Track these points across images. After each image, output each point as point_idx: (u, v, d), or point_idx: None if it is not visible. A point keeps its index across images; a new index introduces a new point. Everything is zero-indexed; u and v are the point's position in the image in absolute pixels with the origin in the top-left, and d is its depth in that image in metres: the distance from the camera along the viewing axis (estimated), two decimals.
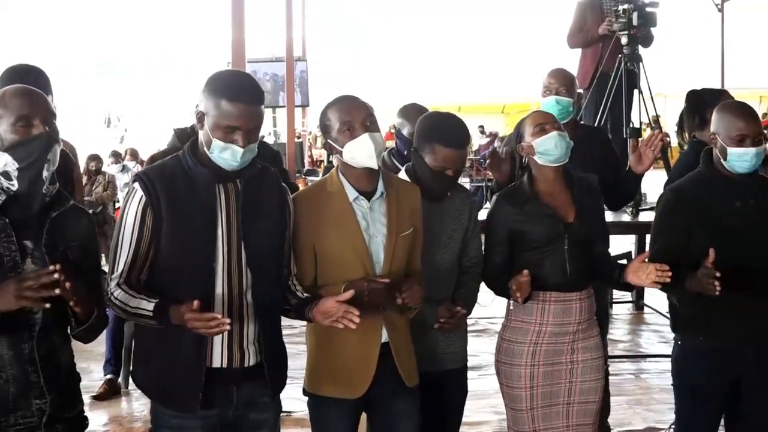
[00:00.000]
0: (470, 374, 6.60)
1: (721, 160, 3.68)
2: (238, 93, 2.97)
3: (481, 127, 27.55)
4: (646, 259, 3.60)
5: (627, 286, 3.79)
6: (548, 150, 3.73)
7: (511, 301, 3.80)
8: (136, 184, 3.02)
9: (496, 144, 12.31)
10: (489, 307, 4.85)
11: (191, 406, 3.03)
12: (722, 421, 3.95)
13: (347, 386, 3.39)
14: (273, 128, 17.14)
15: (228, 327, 2.81)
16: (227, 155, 2.98)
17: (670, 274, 3.49)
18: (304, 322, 3.40)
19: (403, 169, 3.86)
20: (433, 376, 3.72)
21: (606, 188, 4.35)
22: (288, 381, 3.31)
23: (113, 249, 3.06)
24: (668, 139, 5.19)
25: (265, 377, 3.15)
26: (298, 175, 14.06)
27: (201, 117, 3.01)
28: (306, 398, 3.52)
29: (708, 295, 3.48)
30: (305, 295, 3.26)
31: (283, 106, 15.96)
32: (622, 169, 4.88)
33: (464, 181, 14.93)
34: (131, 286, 3.01)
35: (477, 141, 26.73)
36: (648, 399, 6.25)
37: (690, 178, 3.82)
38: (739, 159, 3.63)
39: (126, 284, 3.01)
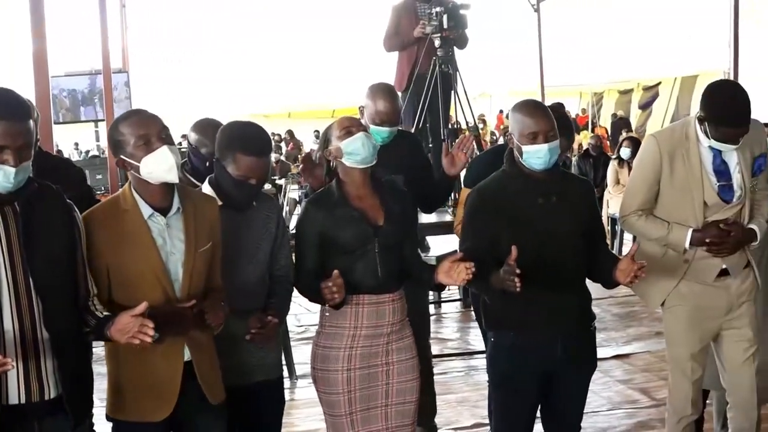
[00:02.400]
0: (300, 383, 6.68)
1: (520, 158, 3.74)
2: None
3: (317, 131, 27.57)
4: (458, 260, 3.62)
5: (439, 287, 3.81)
6: (356, 150, 3.71)
7: (326, 308, 3.77)
8: None
9: None
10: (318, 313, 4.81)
11: None
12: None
13: (151, 408, 3.28)
14: (96, 143, 16.72)
15: (11, 367, 2.68)
16: None
17: (473, 270, 3.53)
18: None
19: (205, 182, 3.76)
20: (248, 389, 3.66)
21: (418, 191, 4.37)
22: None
23: None
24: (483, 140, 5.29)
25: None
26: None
27: None
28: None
29: (513, 292, 3.51)
30: (105, 314, 3.12)
31: (95, 120, 15.59)
32: (437, 171, 4.92)
33: (293, 188, 14.87)
34: None
35: (309, 146, 26.78)
36: (476, 396, 6.29)
37: (494, 177, 3.87)
38: (534, 156, 3.67)
39: None
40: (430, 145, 7.41)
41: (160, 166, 3.18)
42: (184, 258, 3.26)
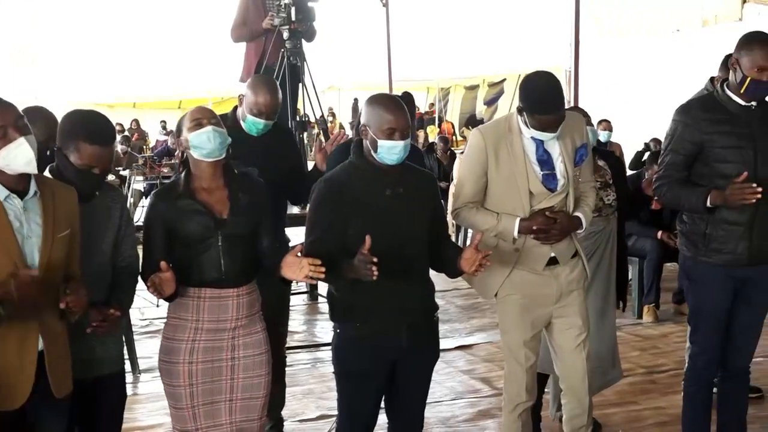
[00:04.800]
0: (144, 377, 6.59)
1: (372, 151, 3.77)
2: None
3: (164, 122, 27.11)
4: (299, 254, 3.63)
5: (285, 280, 3.82)
6: (201, 143, 3.70)
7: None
8: None
9: None
10: (164, 307, 4.76)
11: None
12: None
13: (2, 398, 3.17)
14: None
15: None
16: None
17: (323, 269, 3.56)
18: None
19: (45, 171, 3.67)
20: (88, 383, 3.60)
21: (291, 183, 4.37)
22: None
23: None
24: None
25: None
26: None
27: None
28: None
29: (364, 283, 3.57)
30: None
31: None
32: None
33: (138, 179, 14.60)
34: None
35: (155, 137, 26.30)
36: (322, 387, 6.34)
37: (342, 168, 3.90)
38: (389, 152, 3.72)
39: None
40: None
41: (18, 160, 3.12)
42: (42, 242, 3.19)
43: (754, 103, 4.17)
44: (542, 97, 4.02)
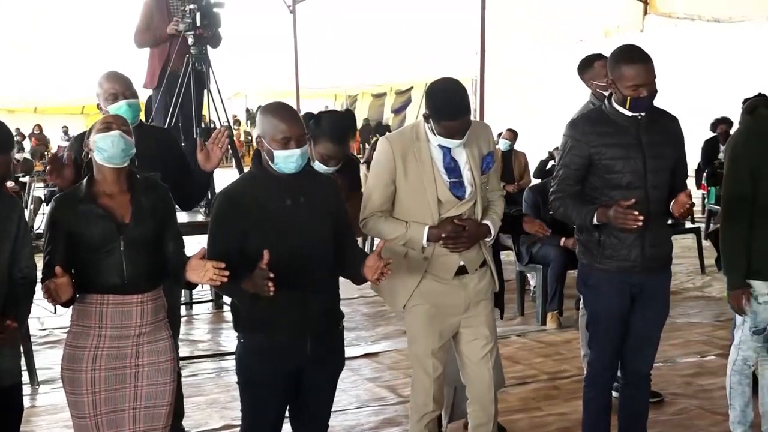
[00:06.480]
0: (43, 388, 6.44)
1: (269, 161, 3.74)
2: None
3: (65, 127, 26.64)
4: (203, 257, 3.59)
5: (189, 284, 3.76)
6: (104, 146, 3.64)
7: (75, 305, 3.68)
8: None
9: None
10: (65, 316, 4.66)
11: None
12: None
13: None
14: None
15: None
16: None
17: (227, 273, 3.52)
18: None
19: None
20: None
21: (174, 188, 4.31)
22: None
23: None
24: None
25: None
26: None
27: None
28: None
29: (265, 296, 3.53)
30: None
31: None
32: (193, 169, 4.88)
33: (38, 186, 14.30)
34: None
35: (57, 142, 25.81)
36: (226, 397, 6.26)
37: (242, 179, 3.87)
38: (285, 161, 3.69)
39: None
40: (182, 144, 7.31)
41: None
42: None
43: (641, 114, 4.26)
44: (447, 103, 4.04)
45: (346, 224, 4.07)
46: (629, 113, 4.24)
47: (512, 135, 12.62)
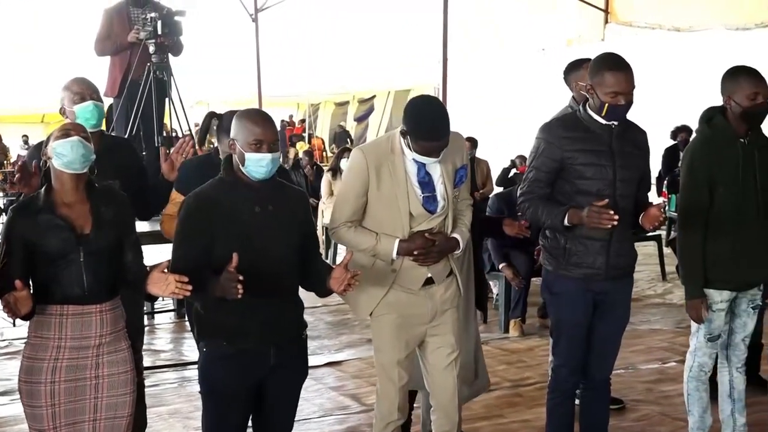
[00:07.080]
0: (2, 399, 6.34)
1: (240, 165, 3.73)
2: None
3: (25, 136, 26.38)
4: (165, 270, 3.56)
5: (150, 297, 3.74)
6: (64, 152, 3.59)
7: (34, 317, 3.61)
8: None
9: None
10: (24, 326, 4.62)
11: None
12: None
13: None
14: None
15: None
16: None
17: (190, 287, 3.50)
18: None
19: None
20: None
21: (134, 197, 4.28)
22: None
23: None
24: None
25: None
26: None
27: None
28: None
29: (232, 301, 3.53)
30: None
31: None
32: (152, 179, 4.84)
33: None
34: None
35: (17, 151, 25.56)
36: (189, 407, 6.21)
37: (211, 184, 3.85)
38: (257, 165, 3.69)
39: None
40: (143, 153, 7.27)
41: None
42: None
43: (614, 123, 4.29)
44: (426, 124, 4.03)
45: (314, 237, 4.07)
46: (603, 121, 4.27)
47: (471, 144, 12.63)
